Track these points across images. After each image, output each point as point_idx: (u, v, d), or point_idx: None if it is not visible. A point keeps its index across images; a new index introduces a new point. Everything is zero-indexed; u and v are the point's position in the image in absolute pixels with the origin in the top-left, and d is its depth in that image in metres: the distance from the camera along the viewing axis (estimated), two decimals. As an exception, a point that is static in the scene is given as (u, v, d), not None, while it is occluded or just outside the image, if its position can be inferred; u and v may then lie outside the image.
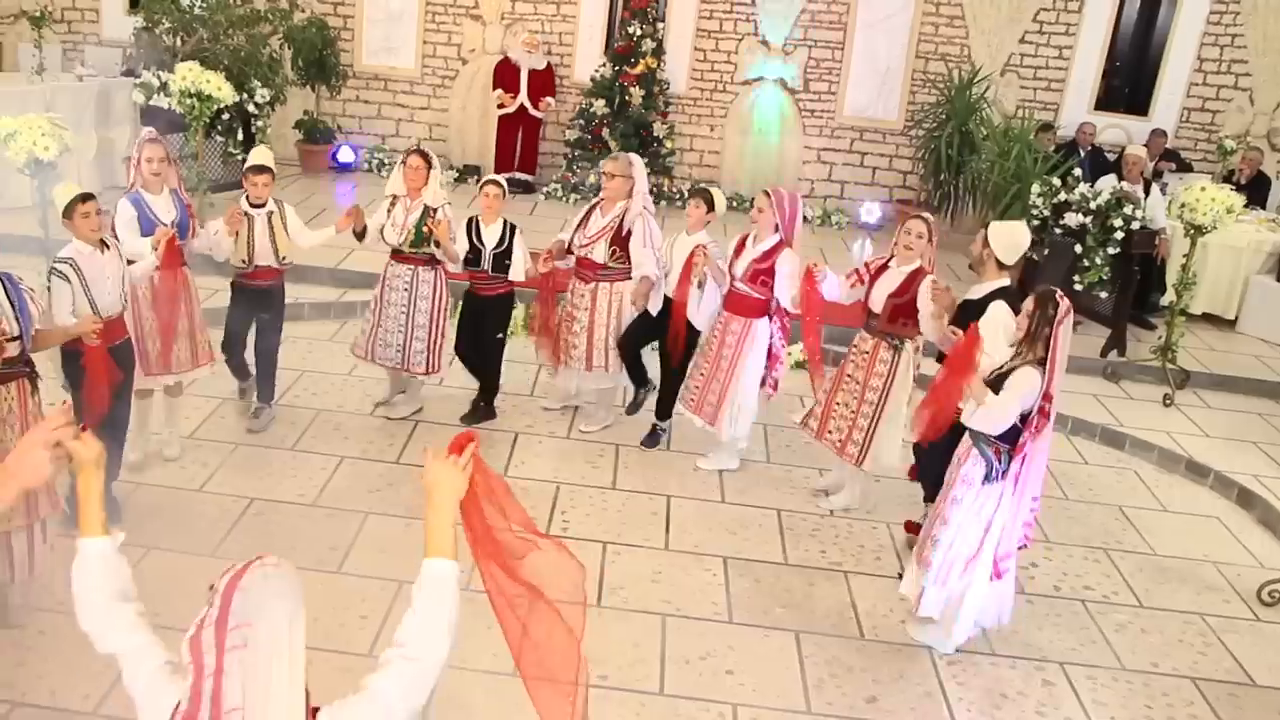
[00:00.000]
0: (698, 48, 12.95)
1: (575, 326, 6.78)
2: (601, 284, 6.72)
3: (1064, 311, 4.58)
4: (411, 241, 6.50)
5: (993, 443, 4.76)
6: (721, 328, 6.44)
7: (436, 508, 2.34)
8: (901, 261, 5.83)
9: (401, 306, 6.63)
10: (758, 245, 6.25)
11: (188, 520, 5.49)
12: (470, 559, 2.52)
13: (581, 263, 6.74)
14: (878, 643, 5.12)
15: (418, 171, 6.48)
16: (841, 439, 6.10)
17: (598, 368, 6.80)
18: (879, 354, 5.94)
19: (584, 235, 6.66)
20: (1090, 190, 9.21)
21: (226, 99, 8.84)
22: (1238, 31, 12.62)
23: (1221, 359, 9.47)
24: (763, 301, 6.27)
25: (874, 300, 5.90)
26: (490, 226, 6.63)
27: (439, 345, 6.71)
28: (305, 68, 12.00)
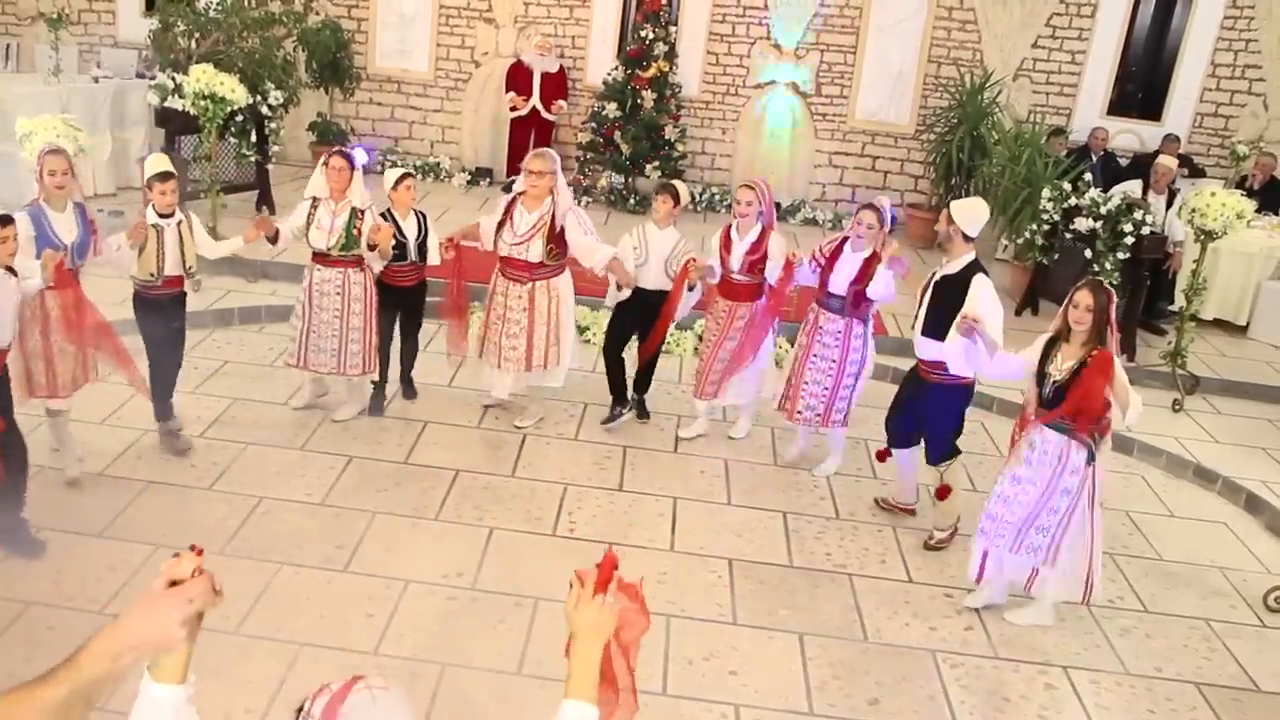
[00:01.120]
0: (710, 51, 12.97)
1: (513, 329, 6.65)
2: (538, 283, 6.61)
3: (1109, 298, 5.09)
4: (342, 245, 6.37)
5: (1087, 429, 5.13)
6: (727, 316, 6.80)
7: (583, 651, 2.05)
8: (856, 249, 6.30)
9: (335, 311, 6.47)
10: (745, 238, 6.66)
11: (197, 518, 5.54)
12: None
13: (513, 264, 6.60)
14: (881, 645, 5.13)
15: (341, 173, 6.35)
16: (821, 413, 6.54)
17: (537, 367, 6.73)
18: (853, 330, 6.39)
19: (513, 235, 6.53)
20: (1100, 195, 9.21)
21: (240, 101, 8.89)
22: (1252, 36, 12.57)
23: (1232, 365, 9.45)
24: (759, 285, 6.74)
25: (835, 284, 6.34)
26: (407, 218, 6.64)
27: (372, 344, 6.64)
28: (319, 70, 12.08)
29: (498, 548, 5.59)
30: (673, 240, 6.81)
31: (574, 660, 2.04)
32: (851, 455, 7.09)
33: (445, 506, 5.94)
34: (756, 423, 7.47)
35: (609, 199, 12.41)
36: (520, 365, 6.68)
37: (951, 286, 5.68)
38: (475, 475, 6.33)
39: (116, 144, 10.84)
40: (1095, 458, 5.12)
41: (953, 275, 5.74)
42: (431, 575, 5.23)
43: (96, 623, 4.58)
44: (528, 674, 4.62)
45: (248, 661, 4.42)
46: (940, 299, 5.72)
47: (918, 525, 6.27)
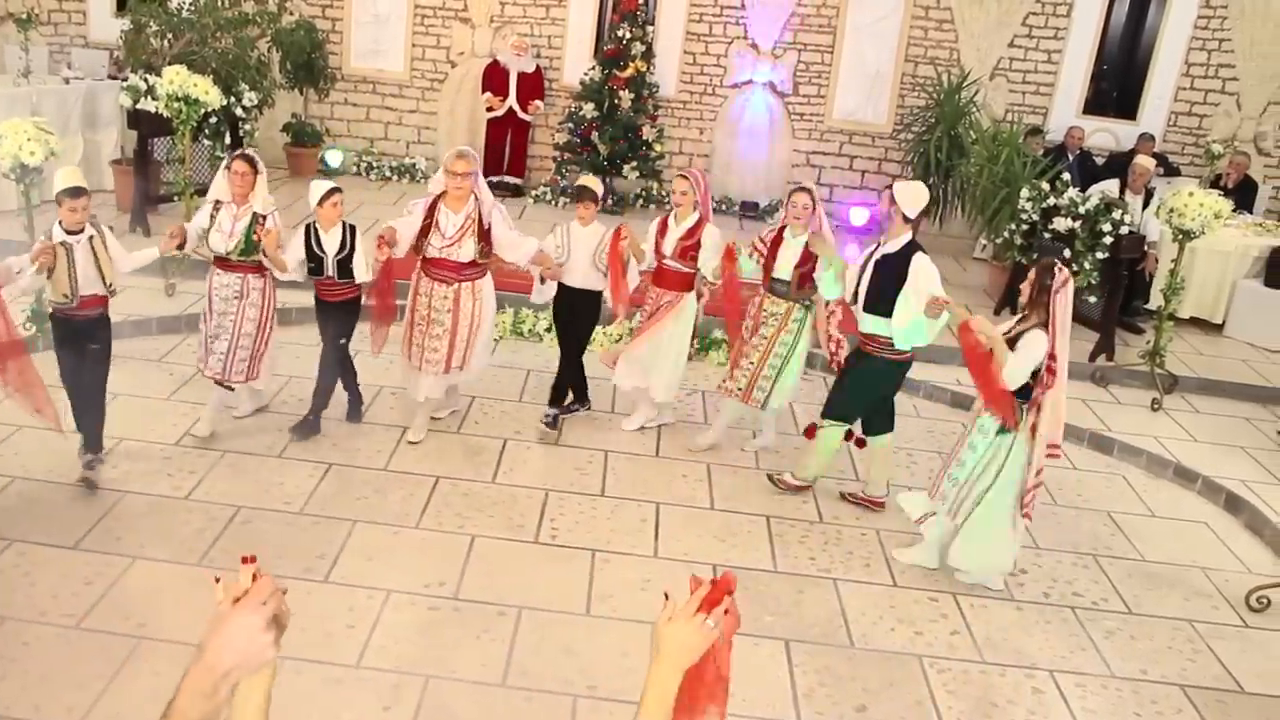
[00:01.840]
0: (687, 51, 12.94)
1: (436, 330, 6.52)
2: (464, 285, 6.50)
3: (1061, 281, 5.25)
4: (241, 249, 6.20)
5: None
6: (654, 301, 6.94)
7: (664, 674, 1.84)
8: (796, 232, 6.51)
9: (229, 315, 6.33)
10: (681, 224, 6.79)
11: (174, 529, 5.45)
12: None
13: (441, 264, 6.45)
14: (867, 651, 5.10)
15: (244, 178, 6.18)
16: (745, 386, 6.74)
17: (455, 368, 6.63)
18: (792, 314, 6.63)
19: (441, 237, 6.38)
20: (1079, 195, 9.23)
21: (214, 103, 8.78)
22: (1225, 36, 12.66)
23: (1209, 363, 9.50)
24: (690, 275, 6.85)
25: (780, 270, 6.57)
26: (330, 232, 6.36)
27: (262, 354, 6.44)
28: (293, 71, 11.97)
29: (479, 556, 5.53)
30: (597, 235, 6.78)
31: (652, 682, 1.84)
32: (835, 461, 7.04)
33: (426, 514, 5.88)
34: (739, 424, 7.44)
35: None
36: (439, 368, 6.56)
37: (892, 264, 5.96)
38: (455, 482, 6.27)
39: (89, 146, 10.72)
40: (1009, 431, 5.41)
41: (893, 254, 6.00)
42: (413, 585, 5.17)
43: (72, 638, 4.54)
44: (512, 685, 4.56)
45: (227, 676, 4.34)
46: (881, 276, 6.00)
47: (902, 529, 6.25)
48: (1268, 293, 10.18)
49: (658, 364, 6.97)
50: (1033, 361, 5.27)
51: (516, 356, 8.11)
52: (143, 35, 10.35)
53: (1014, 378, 5.29)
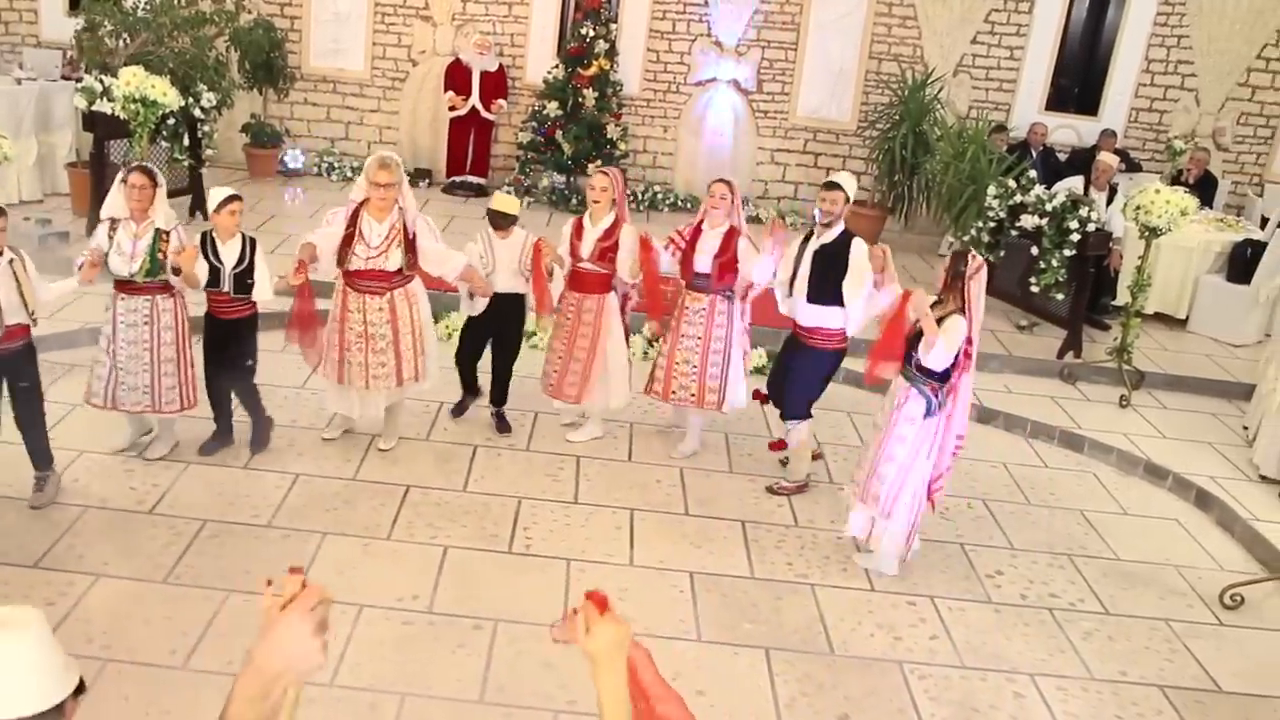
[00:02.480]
0: (650, 49, 12.86)
1: (378, 344, 6.21)
2: (396, 291, 6.24)
3: (975, 268, 5.37)
4: (147, 270, 5.74)
5: (928, 382, 5.48)
6: (575, 308, 6.73)
7: (609, 675, 1.94)
8: (714, 223, 6.49)
9: (143, 344, 5.85)
10: (598, 225, 6.62)
11: (138, 544, 5.32)
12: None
13: (369, 276, 6.14)
14: (848, 657, 5.06)
15: (143, 191, 5.69)
16: (696, 393, 6.66)
17: (408, 380, 6.36)
18: (716, 308, 6.56)
19: (367, 248, 6.09)
20: (1046, 192, 9.25)
21: (172, 104, 8.61)
22: (1183, 32, 12.75)
23: (1174, 359, 9.55)
24: (608, 276, 6.68)
25: (699, 263, 6.51)
26: (228, 243, 5.95)
27: (190, 377, 6.05)
28: (252, 70, 11.77)
29: (453, 567, 5.43)
30: (518, 243, 6.62)
31: (603, 689, 1.90)
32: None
33: (397, 525, 5.77)
34: (710, 428, 7.38)
35: (550, 199, 12.25)
36: (391, 381, 6.29)
37: (831, 254, 6.16)
38: (426, 491, 6.17)
39: (43, 148, 10.47)
40: (934, 414, 5.50)
41: (830, 243, 6.19)
42: (386, 599, 5.06)
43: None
44: (490, 701, 4.48)
45: (198, 700, 4.23)
46: (822, 267, 6.17)
47: (877, 531, 6.23)
48: (1230, 288, 10.26)
49: (605, 377, 6.81)
50: (955, 345, 5.39)
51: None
52: (97, 35, 10.13)
53: (939, 359, 5.39)
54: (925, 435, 5.53)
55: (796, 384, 6.48)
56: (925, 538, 6.23)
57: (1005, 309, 10.02)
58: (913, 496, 5.61)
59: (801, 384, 6.48)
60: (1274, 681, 5.31)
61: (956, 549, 6.21)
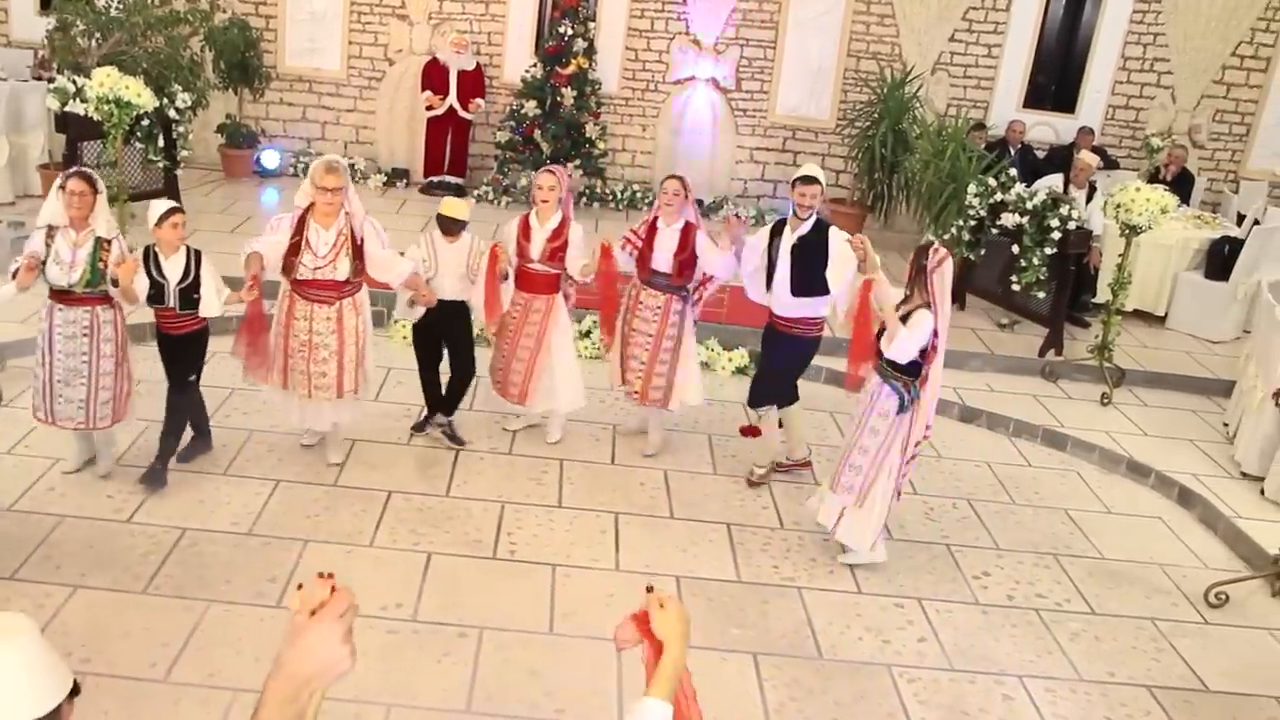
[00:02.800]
0: (629, 47, 12.80)
1: (321, 354, 6.01)
2: (344, 302, 6.02)
3: (936, 261, 5.40)
4: (87, 280, 5.50)
5: (900, 377, 5.56)
6: (523, 308, 6.63)
7: (675, 654, 2.23)
8: (669, 220, 6.50)
9: (82, 356, 5.60)
10: (545, 225, 6.53)
11: (116, 555, 5.23)
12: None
13: (317, 285, 5.94)
14: (836, 662, 5.04)
15: (82, 198, 5.45)
16: (640, 388, 6.70)
17: (348, 392, 6.14)
18: (671, 306, 6.59)
19: (314, 257, 5.88)
20: (1026, 190, 9.26)
21: (147, 105, 8.49)
22: (1159, 30, 12.80)
23: (1153, 356, 9.58)
24: (557, 276, 6.64)
25: (658, 261, 6.53)
26: (172, 258, 5.67)
27: (125, 391, 5.83)
28: (227, 70, 11.63)
29: (437, 574, 5.37)
30: (464, 248, 6.46)
31: (666, 662, 2.19)
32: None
33: (379, 531, 5.71)
34: (693, 429, 7.36)
35: (529, 199, 12.14)
36: (331, 392, 6.08)
37: (811, 246, 6.20)
38: (409, 496, 6.10)
39: (14, 149, 10.32)
40: (907, 409, 5.56)
41: (809, 235, 6.23)
42: (370, 607, 4.99)
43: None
44: (477, 711, 4.43)
45: (178, 713, 4.17)
46: (804, 259, 6.20)
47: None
48: (1208, 285, 10.30)
49: (555, 378, 6.74)
50: (922, 338, 5.43)
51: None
52: (69, 34, 9.99)
53: (901, 350, 5.45)
54: (898, 430, 5.60)
55: (779, 372, 6.55)
56: (911, 539, 6.26)
57: (986, 307, 10.04)
58: (884, 489, 5.68)
59: (785, 371, 6.56)
60: (1260, 680, 5.33)
61: (943, 550, 6.19)
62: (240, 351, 6.14)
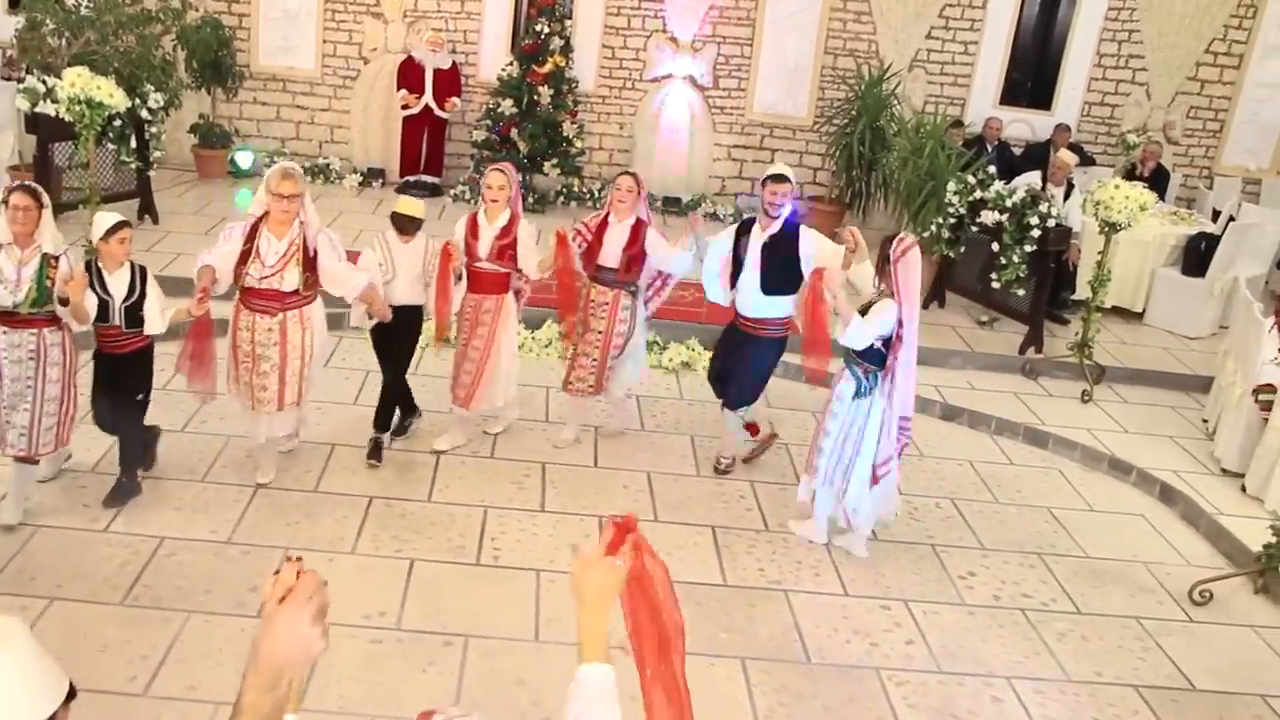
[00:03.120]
0: (605, 45, 12.74)
1: (264, 366, 5.80)
2: (289, 314, 5.78)
3: (901, 250, 5.46)
4: (34, 300, 5.19)
5: (860, 364, 5.67)
6: (474, 309, 6.50)
7: (589, 616, 2.04)
8: (621, 217, 6.49)
9: (27, 380, 5.31)
10: (494, 224, 6.39)
11: (93, 565, 5.14)
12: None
13: (262, 295, 5.73)
14: (825, 665, 5.01)
15: (27, 213, 5.14)
16: (594, 384, 6.73)
17: (290, 404, 5.94)
18: (620, 302, 6.59)
19: (261, 266, 5.67)
20: (1006, 188, 9.26)
21: (119, 106, 8.38)
22: (1134, 27, 12.85)
23: (1132, 352, 9.61)
24: (506, 275, 6.51)
25: (606, 256, 6.50)
26: (116, 273, 5.43)
27: (69, 415, 5.54)
28: (200, 69, 11.49)
29: (420, 581, 5.31)
30: (420, 249, 6.34)
31: (582, 627, 2.02)
32: (773, 462, 6.99)
33: (361, 538, 5.64)
34: (675, 430, 7.33)
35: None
36: (272, 406, 5.87)
37: (782, 245, 6.22)
38: (390, 502, 6.03)
39: (-18, 151, 10.18)
40: (866, 395, 5.67)
41: (778, 235, 6.24)
42: (353, 616, 4.93)
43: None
44: (464, 721, 4.36)
45: (160, 727, 4.09)
46: (775, 258, 6.23)
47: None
48: (1185, 281, 10.35)
49: (496, 377, 6.63)
50: (881, 328, 5.50)
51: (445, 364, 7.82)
52: (39, 34, 9.85)
53: (853, 337, 5.55)
54: (856, 415, 5.70)
55: (750, 374, 6.55)
56: (896, 539, 6.25)
57: (966, 305, 10.05)
58: (863, 477, 5.78)
59: (756, 373, 6.57)
60: (1246, 679, 5.33)
61: (928, 550, 6.17)
62: (184, 365, 5.92)
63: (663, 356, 8.50)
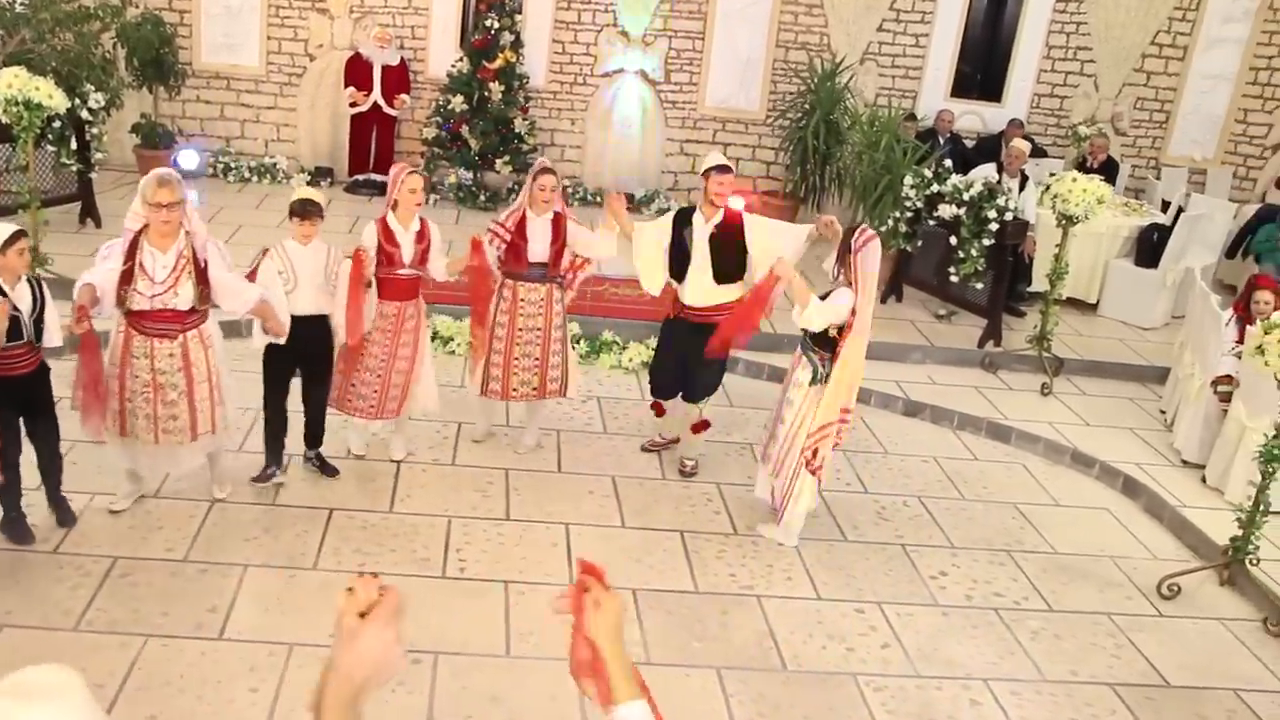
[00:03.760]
0: (556, 40, 12.58)
1: (170, 395, 5.32)
2: (189, 334, 5.34)
3: (862, 241, 5.59)
4: None
5: (817, 350, 5.77)
6: (396, 317, 6.19)
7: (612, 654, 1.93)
8: (540, 212, 6.39)
9: None
10: (410, 228, 6.17)
11: (44, 588, 4.94)
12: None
13: (158, 316, 5.23)
14: (801, 673, 4.94)
15: None
16: (538, 386, 6.60)
17: (204, 434, 5.50)
18: (553, 295, 6.53)
19: (150, 283, 5.17)
20: (963, 181, 9.25)
21: (58, 106, 8.10)
22: (1082, 19, 12.92)
23: (1088, 344, 9.66)
24: (419, 279, 6.34)
25: (534, 252, 6.40)
26: (15, 288, 4.98)
27: None
28: (141, 68, 11.16)
29: (386, 596, 5.15)
30: (322, 252, 5.85)
31: (609, 666, 1.89)
32: (738, 463, 6.93)
33: (323, 553, 5.48)
34: (638, 432, 7.23)
35: (458, 196, 11.92)
36: (185, 436, 5.43)
37: (726, 234, 6.31)
38: (351, 514, 5.88)
39: (-87, 155, 9.83)
40: (821, 381, 5.73)
41: (723, 225, 6.31)
42: (317, 635, 4.76)
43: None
44: (438, 743, 4.25)
45: (121, 761, 3.93)
46: (723, 248, 6.31)
47: (819, 536, 6.13)
48: (1138, 272, 10.43)
49: (424, 374, 6.45)
50: (835, 314, 5.62)
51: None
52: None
53: (810, 318, 5.65)
54: (810, 403, 5.77)
55: (714, 366, 6.56)
56: (866, 540, 6.21)
57: (923, 298, 10.05)
58: (798, 461, 5.83)
59: (718, 364, 6.60)
60: (1218, 673, 5.35)
61: (898, 550, 6.13)
62: (78, 401, 5.27)
63: (622, 357, 8.40)
